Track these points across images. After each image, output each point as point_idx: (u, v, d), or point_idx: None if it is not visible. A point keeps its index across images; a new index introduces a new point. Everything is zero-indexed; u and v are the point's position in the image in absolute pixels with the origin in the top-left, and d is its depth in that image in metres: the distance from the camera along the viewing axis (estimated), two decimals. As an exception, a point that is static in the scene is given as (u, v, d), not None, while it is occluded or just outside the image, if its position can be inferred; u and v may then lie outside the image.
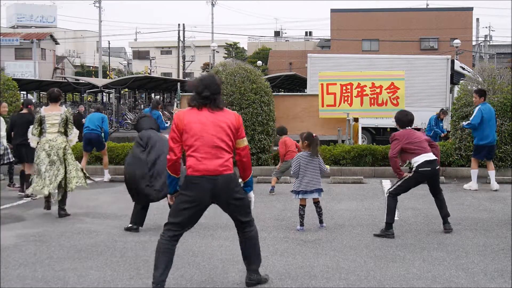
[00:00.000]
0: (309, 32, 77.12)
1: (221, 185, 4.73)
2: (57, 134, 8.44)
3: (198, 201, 4.74)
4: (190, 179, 4.73)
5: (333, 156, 12.83)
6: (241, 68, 13.26)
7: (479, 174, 12.04)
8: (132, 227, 7.42)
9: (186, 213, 4.75)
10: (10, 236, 7.06)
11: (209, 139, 4.72)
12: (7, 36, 53.64)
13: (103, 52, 59.62)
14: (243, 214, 4.97)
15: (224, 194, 4.78)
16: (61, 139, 8.45)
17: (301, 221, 7.42)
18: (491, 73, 12.73)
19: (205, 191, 4.71)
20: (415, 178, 7.12)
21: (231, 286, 5.14)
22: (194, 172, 4.71)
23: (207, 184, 4.70)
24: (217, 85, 4.86)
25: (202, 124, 4.74)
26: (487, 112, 10.61)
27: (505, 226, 7.51)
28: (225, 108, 4.91)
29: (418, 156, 7.07)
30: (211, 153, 4.71)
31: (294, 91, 43.87)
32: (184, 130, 4.75)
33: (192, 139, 4.73)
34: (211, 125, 4.75)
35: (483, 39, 64.93)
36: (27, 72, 50.32)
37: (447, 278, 5.34)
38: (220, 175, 4.72)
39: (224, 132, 4.77)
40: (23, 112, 10.87)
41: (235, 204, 4.87)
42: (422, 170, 7.06)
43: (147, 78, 37.05)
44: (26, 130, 9.69)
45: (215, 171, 4.71)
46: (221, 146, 4.74)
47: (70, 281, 5.30)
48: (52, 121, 8.43)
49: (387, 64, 18.67)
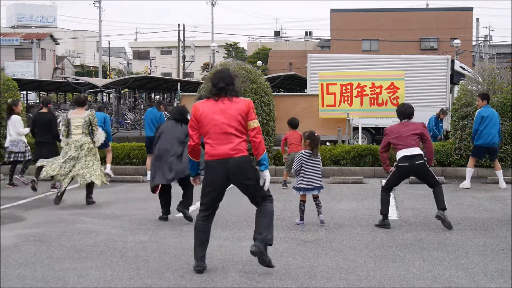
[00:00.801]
0: (309, 32, 77.14)
1: (233, 167, 5.23)
2: (81, 135, 9.27)
3: (215, 183, 5.30)
4: (207, 163, 5.33)
5: (333, 156, 12.83)
6: (241, 68, 13.25)
7: (480, 174, 12.09)
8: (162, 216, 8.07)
9: (209, 195, 5.35)
10: (10, 236, 7.06)
11: (220, 127, 5.24)
12: (7, 36, 53.62)
13: (103, 52, 59.63)
14: (260, 195, 5.38)
15: (238, 175, 5.27)
16: (85, 140, 9.27)
17: (301, 216, 7.68)
18: (491, 73, 12.74)
19: (220, 173, 5.25)
20: (397, 172, 7.53)
21: (231, 286, 5.14)
22: (209, 157, 5.29)
23: (220, 167, 5.24)
24: (231, 77, 5.39)
25: (215, 113, 5.27)
26: (487, 113, 10.71)
27: (505, 226, 7.51)
28: (239, 97, 5.41)
29: (399, 151, 7.45)
30: (221, 139, 5.24)
31: (294, 91, 43.86)
32: (199, 119, 5.30)
33: (206, 127, 5.28)
34: (223, 114, 5.26)
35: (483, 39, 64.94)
36: (27, 72, 50.31)
37: (447, 278, 5.34)
38: (231, 157, 5.23)
39: (235, 119, 5.26)
40: (43, 111, 11.26)
41: (249, 184, 5.31)
42: (400, 165, 7.44)
43: (147, 78, 37.03)
44: (47, 128, 10.87)
45: (226, 155, 5.22)
46: (231, 132, 5.25)
47: (70, 281, 5.30)
48: (76, 124, 9.29)
49: (387, 64, 18.66)
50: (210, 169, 5.30)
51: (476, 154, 11.01)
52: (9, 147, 11.50)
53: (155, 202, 8.97)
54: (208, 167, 5.30)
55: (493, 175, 11.72)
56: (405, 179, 7.83)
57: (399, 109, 7.82)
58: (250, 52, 69.74)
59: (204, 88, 13.22)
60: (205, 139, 5.31)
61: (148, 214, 8.43)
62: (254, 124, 5.33)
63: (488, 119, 10.71)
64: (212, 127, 5.25)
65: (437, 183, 7.48)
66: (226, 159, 5.22)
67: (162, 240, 6.82)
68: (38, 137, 11.03)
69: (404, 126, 7.53)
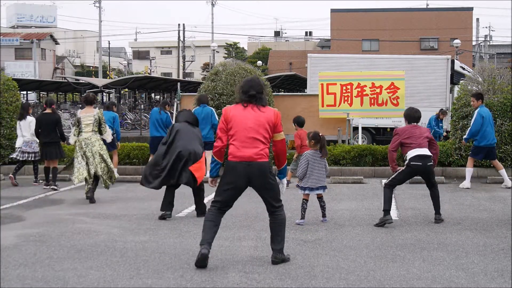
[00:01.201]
0: (309, 32, 77.11)
1: (255, 170, 5.52)
2: (91, 133, 9.56)
3: (235, 183, 5.56)
4: (229, 164, 5.57)
5: (333, 156, 12.83)
6: (241, 68, 13.26)
7: (480, 174, 12.08)
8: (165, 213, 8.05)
9: (227, 193, 5.61)
10: (10, 236, 7.06)
11: (248, 131, 5.54)
12: (7, 36, 53.62)
13: (103, 52, 59.59)
14: (274, 199, 5.70)
15: (258, 179, 5.56)
16: (95, 137, 9.57)
17: (302, 214, 7.73)
18: (491, 73, 12.74)
19: (241, 174, 5.53)
20: (407, 171, 7.70)
21: (231, 286, 5.14)
22: (232, 158, 5.55)
23: (243, 168, 5.52)
24: (261, 86, 5.70)
25: (244, 118, 5.57)
26: (486, 113, 10.71)
27: (505, 226, 7.51)
28: (267, 106, 5.73)
29: (412, 150, 7.64)
30: (248, 143, 5.53)
31: (294, 91, 43.83)
32: (229, 122, 5.60)
33: (234, 129, 5.57)
34: (252, 120, 5.57)
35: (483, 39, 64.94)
36: (27, 72, 50.30)
37: (447, 278, 5.34)
38: (254, 161, 5.52)
39: (262, 127, 5.57)
40: (47, 112, 11.30)
41: (267, 188, 5.63)
42: (413, 164, 7.62)
43: (147, 78, 37.04)
44: (51, 129, 11.04)
45: (250, 158, 5.51)
46: (258, 138, 5.55)
47: (70, 281, 5.29)
48: (86, 122, 9.57)
49: (387, 64, 18.64)
50: (232, 169, 5.55)
51: (477, 155, 10.97)
52: (22, 147, 11.67)
53: (155, 202, 8.97)
54: (231, 167, 5.55)
55: (493, 175, 11.73)
56: (410, 178, 8.05)
57: (408, 112, 8.06)
58: (250, 52, 69.71)
59: (204, 88, 13.23)
60: (231, 140, 5.58)
61: (148, 214, 8.43)
62: (281, 136, 5.73)
63: (487, 119, 10.71)
64: (240, 130, 5.54)
65: (436, 184, 7.89)
66: (249, 162, 5.50)
67: (162, 240, 6.81)
68: (43, 137, 11.07)
69: (415, 129, 7.86)
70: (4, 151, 13.49)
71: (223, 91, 12.83)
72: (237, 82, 12.86)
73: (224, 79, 12.90)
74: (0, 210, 8.89)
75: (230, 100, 12.66)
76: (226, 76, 12.97)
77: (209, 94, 12.73)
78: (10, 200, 9.87)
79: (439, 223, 7.66)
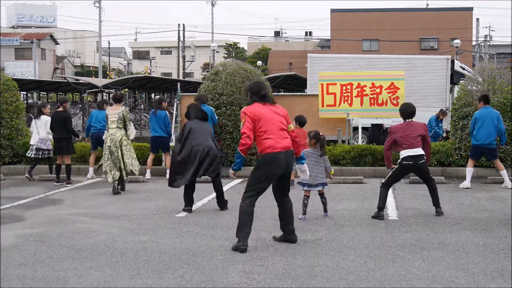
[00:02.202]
0: (309, 32, 77.12)
1: (291, 157, 6.36)
2: (116, 129, 10.32)
3: (274, 173, 6.23)
4: (272, 155, 6.19)
5: (333, 156, 12.82)
6: (241, 68, 13.25)
7: (480, 174, 12.09)
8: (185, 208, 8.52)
9: (262, 185, 6.26)
10: (10, 236, 7.06)
11: (278, 124, 6.29)
12: (7, 36, 53.63)
13: (103, 52, 59.61)
14: (288, 184, 6.53)
15: (291, 165, 6.37)
16: (119, 133, 10.32)
17: (304, 210, 8.03)
18: (491, 73, 12.73)
19: (283, 163, 6.23)
20: (399, 169, 8.10)
21: (231, 286, 5.14)
22: (274, 150, 6.18)
23: (285, 157, 6.23)
24: (267, 87, 6.70)
25: (271, 113, 6.31)
26: (479, 115, 10.83)
27: (505, 226, 7.51)
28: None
29: (404, 150, 8.00)
30: (281, 135, 6.27)
31: (294, 91, 43.81)
32: (258, 120, 6.21)
33: (265, 126, 6.21)
34: (275, 114, 6.34)
35: (483, 39, 64.95)
36: (27, 72, 50.31)
37: (447, 278, 5.34)
38: (290, 150, 6.32)
39: (284, 119, 6.39)
40: (59, 110, 11.92)
41: (289, 175, 6.48)
42: (404, 163, 8.02)
43: (147, 78, 37.00)
44: (62, 126, 11.64)
45: (288, 148, 6.29)
46: (284, 128, 6.34)
47: (70, 281, 5.30)
48: (112, 119, 10.35)
49: (387, 64, 18.65)
50: (275, 160, 6.17)
51: (472, 155, 11.12)
52: (37, 144, 12.27)
53: (155, 202, 8.99)
54: (273, 158, 6.17)
55: (493, 175, 11.73)
56: (404, 175, 8.39)
57: (401, 108, 8.31)
58: (250, 52, 69.72)
59: (204, 88, 13.22)
60: (265, 136, 6.19)
61: (148, 214, 8.43)
62: (292, 127, 6.51)
63: (481, 120, 10.75)
64: (271, 125, 6.23)
65: (431, 178, 8.25)
66: (287, 151, 6.25)
67: (162, 240, 6.82)
68: (54, 134, 11.80)
69: (409, 126, 8.08)
70: (4, 151, 13.50)
71: (223, 91, 12.82)
72: (237, 82, 12.87)
73: (224, 79, 12.90)
74: (0, 210, 8.89)
75: (230, 100, 12.66)
76: (226, 76, 12.96)
77: (209, 94, 12.73)
78: (10, 200, 9.88)
79: (440, 216, 7.99)
